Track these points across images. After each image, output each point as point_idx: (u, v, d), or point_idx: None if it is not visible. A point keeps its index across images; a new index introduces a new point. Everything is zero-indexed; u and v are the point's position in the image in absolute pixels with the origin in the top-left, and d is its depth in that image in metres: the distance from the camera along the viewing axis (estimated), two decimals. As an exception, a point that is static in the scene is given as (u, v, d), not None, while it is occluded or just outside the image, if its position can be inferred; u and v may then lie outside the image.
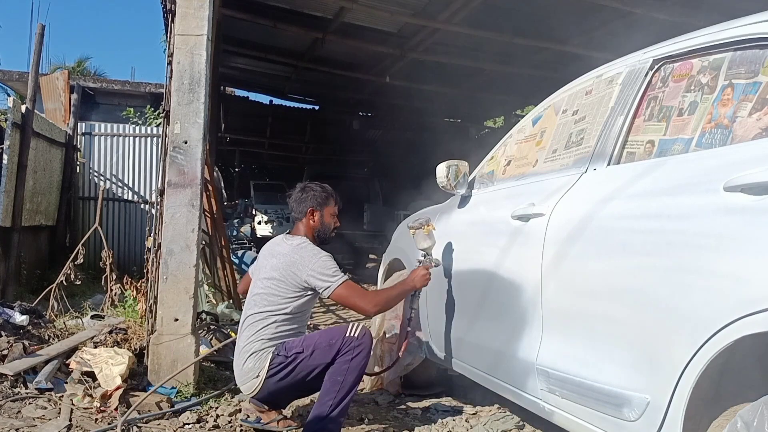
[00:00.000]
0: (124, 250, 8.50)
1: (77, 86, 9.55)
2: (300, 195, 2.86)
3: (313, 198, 2.84)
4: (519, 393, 2.36)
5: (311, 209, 2.83)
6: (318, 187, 2.91)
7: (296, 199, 2.85)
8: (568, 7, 6.63)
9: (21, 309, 4.08)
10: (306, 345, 2.62)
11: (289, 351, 2.60)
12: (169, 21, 3.82)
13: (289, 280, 2.67)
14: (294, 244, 2.77)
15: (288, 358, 2.59)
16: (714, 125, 1.80)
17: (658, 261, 1.73)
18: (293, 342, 2.64)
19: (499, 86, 10.01)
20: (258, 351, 2.63)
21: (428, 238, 2.93)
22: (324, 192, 2.89)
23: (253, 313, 2.70)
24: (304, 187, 2.90)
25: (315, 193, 2.86)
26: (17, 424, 2.68)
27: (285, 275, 2.68)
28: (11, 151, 5.94)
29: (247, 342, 2.66)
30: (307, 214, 2.83)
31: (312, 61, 9.30)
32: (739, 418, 1.43)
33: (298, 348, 2.61)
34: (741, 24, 1.81)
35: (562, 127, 2.58)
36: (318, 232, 2.85)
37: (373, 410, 3.27)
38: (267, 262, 2.80)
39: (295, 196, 2.87)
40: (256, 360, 2.62)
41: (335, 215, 2.93)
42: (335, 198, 2.94)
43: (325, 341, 2.61)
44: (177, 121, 3.37)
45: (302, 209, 2.83)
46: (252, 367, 2.62)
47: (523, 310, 2.34)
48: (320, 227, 2.85)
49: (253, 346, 2.64)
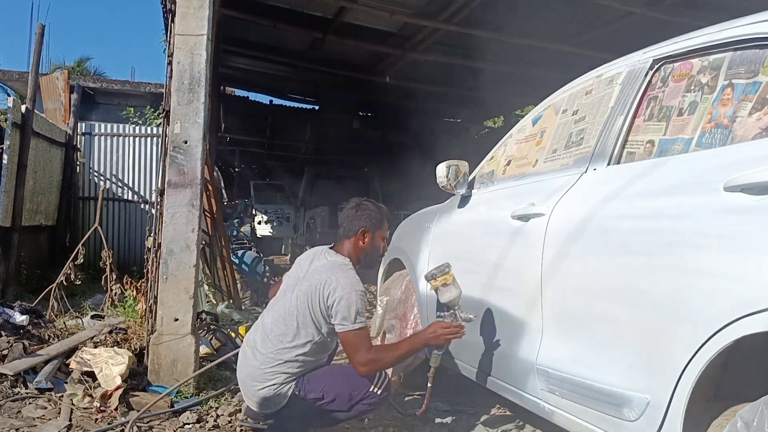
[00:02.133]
0: (124, 250, 8.50)
1: (77, 86, 9.56)
2: (354, 212, 2.65)
3: (367, 218, 2.63)
4: (519, 393, 2.36)
5: (363, 229, 2.62)
6: (373, 206, 2.70)
7: (349, 216, 2.65)
8: (568, 7, 6.63)
9: (21, 309, 4.08)
10: (326, 392, 2.47)
11: (308, 393, 2.46)
12: (169, 21, 3.82)
13: (314, 295, 2.47)
14: (334, 261, 2.56)
15: (306, 400, 2.48)
16: (714, 125, 1.80)
17: (658, 261, 1.73)
18: (314, 381, 2.48)
19: (499, 86, 10.01)
20: (280, 384, 2.45)
21: (452, 287, 2.50)
22: (379, 213, 2.68)
23: (280, 336, 2.48)
24: (359, 204, 2.69)
25: (370, 213, 2.65)
26: (17, 424, 2.68)
27: (313, 290, 2.47)
28: (11, 151, 5.94)
29: (271, 369, 2.46)
30: (358, 233, 2.62)
31: (312, 61, 9.30)
32: (739, 418, 1.42)
33: (318, 393, 2.46)
34: (741, 24, 1.81)
35: (562, 127, 2.58)
36: (365, 254, 2.66)
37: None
38: (301, 274, 2.62)
39: (347, 213, 2.67)
40: (276, 392, 2.46)
41: (385, 239, 2.75)
42: (389, 221, 2.75)
43: (347, 393, 2.47)
44: (177, 121, 3.37)
45: (354, 228, 2.62)
46: (270, 397, 2.47)
47: (523, 310, 2.34)
48: (369, 250, 2.66)
49: (276, 377, 2.45)
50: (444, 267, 2.55)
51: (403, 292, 3.61)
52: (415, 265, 3.42)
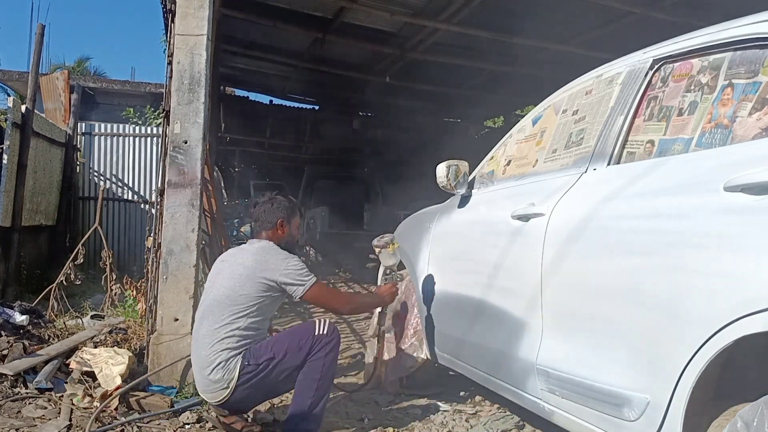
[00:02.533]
0: (124, 250, 8.50)
1: (77, 86, 9.55)
2: (269, 206, 2.90)
3: (283, 209, 2.90)
4: (519, 393, 2.36)
5: (281, 220, 2.88)
6: (285, 199, 2.99)
7: (265, 210, 2.90)
8: (568, 7, 6.63)
9: (21, 309, 4.09)
10: (276, 350, 2.60)
11: (259, 358, 2.58)
12: (169, 21, 3.82)
13: (257, 278, 2.65)
14: (260, 246, 2.79)
15: (259, 365, 2.57)
16: (714, 125, 1.80)
17: (658, 261, 1.73)
18: (261, 348, 2.61)
19: (499, 86, 9.99)
20: (225, 361, 2.56)
21: (393, 256, 3.04)
22: (291, 204, 2.98)
23: (214, 319, 2.63)
24: (273, 198, 2.97)
25: (285, 205, 2.93)
26: (17, 424, 2.68)
27: (253, 274, 2.66)
28: (11, 151, 5.94)
29: (211, 351, 2.58)
30: (277, 224, 2.87)
31: (312, 61, 9.29)
32: (739, 418, 1.43)
33: (269, 354, 2.59)
34: (741, 24, 1.81)
35: (562, 127, 2.58)
36: (284, 242, 2.89)
37: (373, 410, 3.27)
38: (226, 267, 2.79)
39: (263, 207, 2.91)
40: (224, 371, 2.56)
41: (299, 227, 3.02)
42: (301, 211, 3.06)
43: (295, 343, 2.62)
44: (177, 121, 3.37)
45: (272, 219, 2.87)
46: (221, 378, 2.56)
47: (523, 309, 2.34)
48: (287, 239, 2.91)
49: (219, 356, 2.57)
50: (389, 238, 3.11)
51: (403, 292, 3.61)
52: (415, 265, 3.42)
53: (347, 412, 3.23)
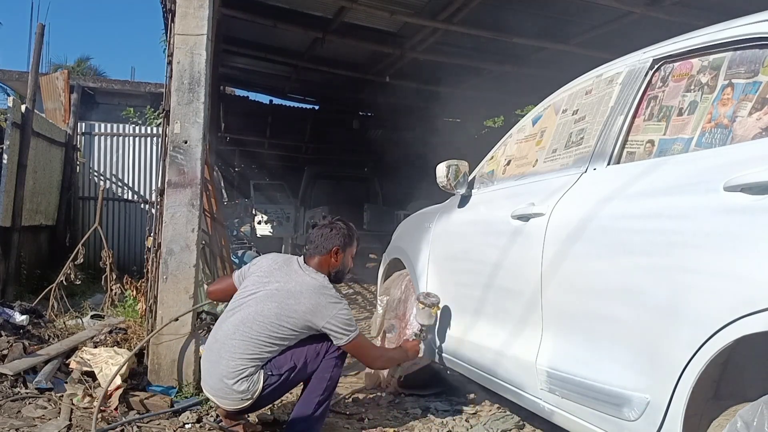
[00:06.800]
0: (124, 250, 8.50)
1: (77, 86, 9.55)
2: (328, 231, 2.81)
3: (341, 237, 2.81)
4: (519, 393, 2.36)
5: (336, 248, 2.78)
6: (345, 226, 2.88)
7: (323, 234, 2.80)
8: (568, 7, 6.63)
9: (21, 309, 4.09)
10: (296, 358, 2.63)
11: (281, 368, 2.60)
12: (169, 21, 3.82)
13: (306, 319, 2.61)
14: (316, 285, 2.67)
15: (281, 375, 2.60)
16: (714, 125, 1.80)
17: (658, 261, 1.73)
18: (281, 359, 2.62)
19: (499, 86, 9.99)
20: (252, 375, 2.57)
21: (431, 317, 3.01)
22: (350, 232, 2.87)
23: (251, 334, 2.58)
24: (333, 223, 2.87)
25: (344, 233, 2.83)
26: (17, 424, 2.68)
27: (303, 316, 2.60)
28: (11, 150, 5.95)
29: (239, 362, 2.56)
30: (331, 252, 2.78)
31: (312, 61, 9.29)
32: (739, 418, 1.43)
33: (290, 363, 2.62)
34: (741, 24, 1.81)
35: (562, 126, 2.58)
36: (336, 271, 2.82)
37: (373, 410, 3.28)
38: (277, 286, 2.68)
39: (321, 231, 2.82)
40: (249, 382, 2.56)
41: (353, 257, 2.93)
42: (358, 240, 2.94)
43: (312, 350, 2.65)
44: (177, 120, 3.37)
45: (327, 246, 2.78)
46: (246, 389, 2.56)
47: (523, 309, 2.34)
48: (340, 267, 2.83)
49: (247, 370, 2.56)
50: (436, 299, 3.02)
51: (403, 292, 3.62)
52: (415, 264, 3.42)
53: (347, 412, 3.23)
